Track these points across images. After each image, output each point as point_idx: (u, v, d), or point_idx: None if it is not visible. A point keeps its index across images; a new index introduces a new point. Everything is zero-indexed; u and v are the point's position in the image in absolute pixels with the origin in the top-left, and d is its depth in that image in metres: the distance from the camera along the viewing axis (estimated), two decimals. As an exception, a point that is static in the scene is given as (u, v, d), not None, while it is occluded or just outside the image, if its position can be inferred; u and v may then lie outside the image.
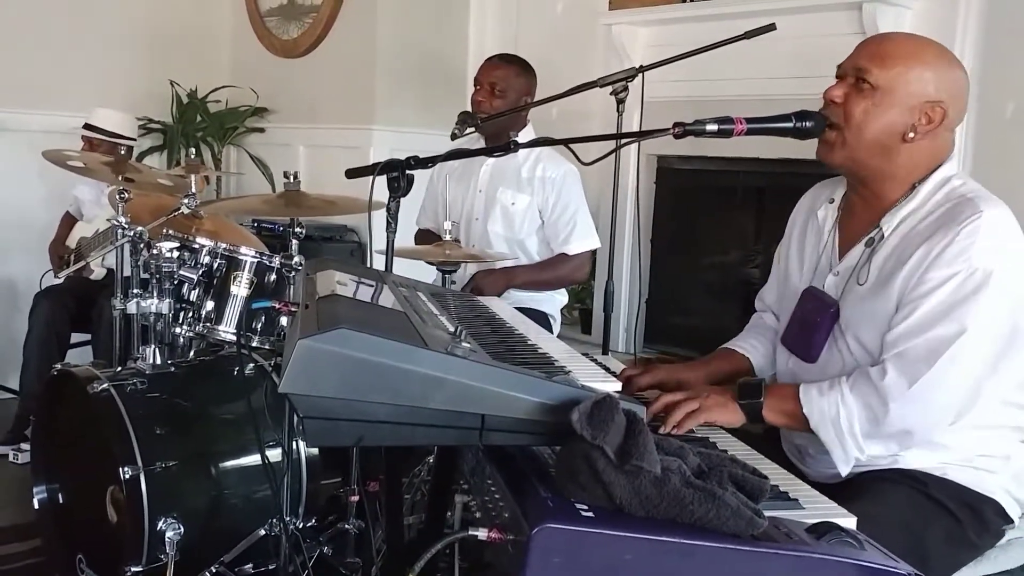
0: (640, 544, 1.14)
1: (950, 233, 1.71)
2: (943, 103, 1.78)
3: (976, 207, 1.72)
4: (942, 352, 1.68)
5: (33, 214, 4.68)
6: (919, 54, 1.80)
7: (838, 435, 1.73)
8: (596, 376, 1.75)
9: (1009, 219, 1.75)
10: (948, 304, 1.69)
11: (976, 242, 1.68)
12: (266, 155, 5.31)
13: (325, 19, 4.94)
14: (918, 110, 1.77)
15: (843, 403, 1.73)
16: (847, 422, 1.72)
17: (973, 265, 1.68)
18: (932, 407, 1.71)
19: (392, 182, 2.11)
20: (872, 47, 1.83)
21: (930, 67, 1.79)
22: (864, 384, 1.73)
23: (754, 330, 2.22)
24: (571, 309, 4.39)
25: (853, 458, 1.74)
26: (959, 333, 1.68)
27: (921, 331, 1.70)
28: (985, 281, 1.68)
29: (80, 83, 4.87)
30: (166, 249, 2.63)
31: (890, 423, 1.71)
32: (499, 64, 3.46)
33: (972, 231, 1.69)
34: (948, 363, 1.68)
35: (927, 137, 1.79)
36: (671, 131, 1.78)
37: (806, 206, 2.10)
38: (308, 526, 2.54)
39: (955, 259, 1.69)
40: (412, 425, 1.27)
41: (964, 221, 1.70)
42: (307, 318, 1.38)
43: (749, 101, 3.49)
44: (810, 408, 1.75)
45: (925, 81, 1.77)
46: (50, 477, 2.72)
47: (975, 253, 1.68)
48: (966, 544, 1.81)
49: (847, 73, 1.82)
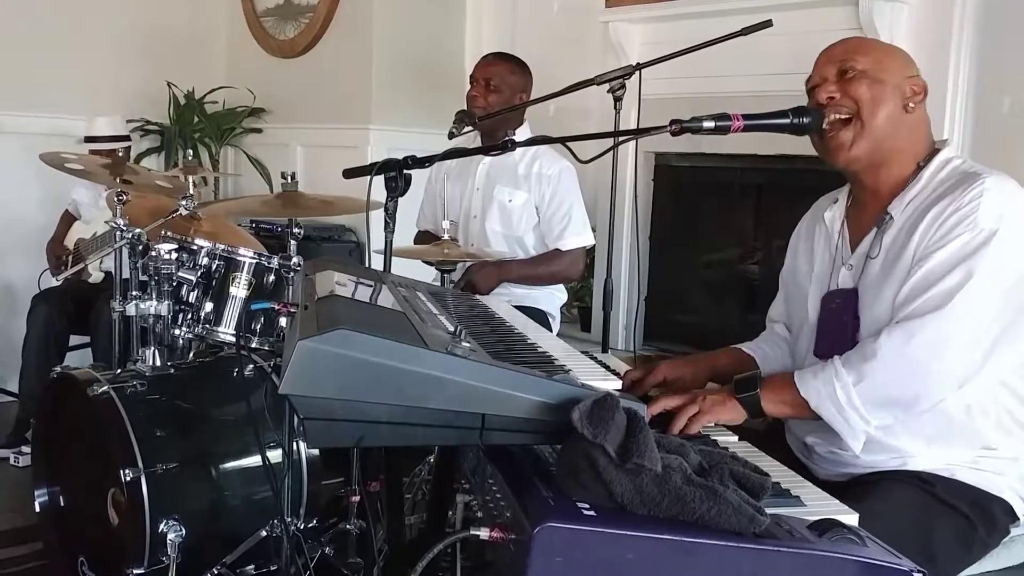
0: (642, 542, 1.14)
1: (955, 200, 1.73)
2: (918, 76, 1.86)
3: (979, 176, 1.75)
4: (947, 303, 1.68)
5: (31, 216, 4.68)
6: (874, 43, 1.99)
7: (839, 410, 1.71)
8: (596, 374, 1.75)
9: (1012, 185, 1.76)
10: (953, 260, 1.70)
11: (981, 205, 1.70)
12: (263, 155, 5.31)
13: (322, 19, 4.94)
14: (906, 84, 1.83)
15: (837, 377, 1.72)
16: (844, 394, 1.70)
17: (979, 226, 1.69)
18: (935, 364, 1.69)
19: (389, 182, 2.11)
20: (839, 47, 1.89)
21: (889, 50, 1.93)
22: (856, 353, 1.73)
23: (765, 337, 2.20)
24: (570, 307, 4.39)
25: (861, 431, 1.72)
26: (965, 280, 1.68)
27: (926, 288, 1.70)
28: (990, 239, 1.69)
29: (77, 85, 4.87)
30: (164, 251, 2.62)
31: (889, 384, 1.69)
32: (494, 61, 3.47)
33: (976, 195, 1.71)
34: (948, 317, 1.67)
35: (919, 108, 1.85)
36: (668, 129, 1.78)
37: (807, 220, 2.10)
38: (309, 527, 2.54)
39: (960, 222, 1.71)
40: (412, 425, 1.27)
41: (969, 188, 1.73)
42: (306, 319, 1.38)
43: (746, 97, 3.49)
44: (807, 390, 1.74)
45: (899, 59, 1.88)
46: (51, 480, 2.72)
47: (980, 215, 1.70)
48: (976, 543, 1.79)
49: (826, 76, 1.84)
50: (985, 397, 1.78)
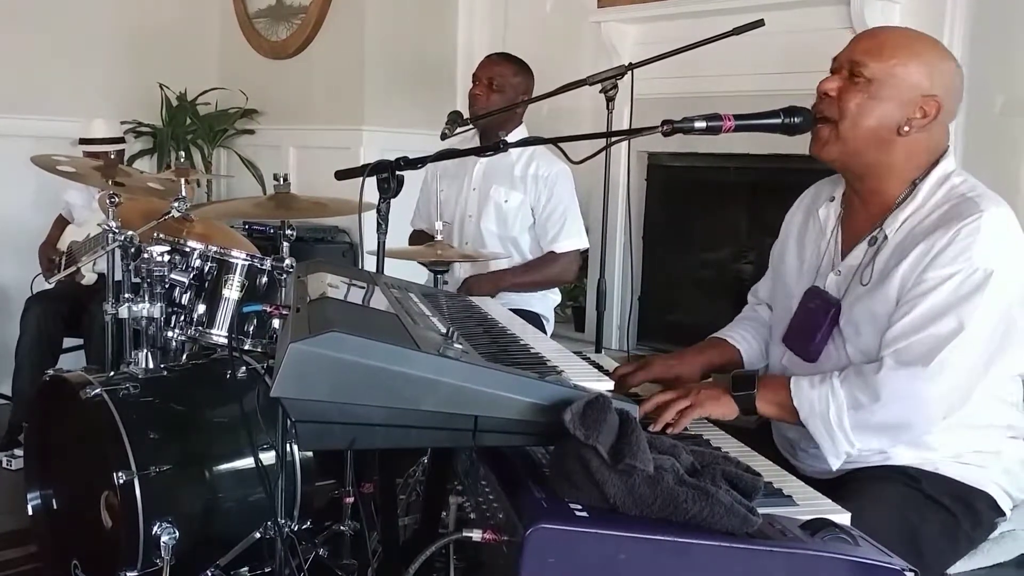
0: (634, 543, 1.14)
1: (950, 232, 1.70)
2: (937, 97, 1.77)
3: (977, 206, 1.71)
4: (939, 350, 1.68)
5: (24, 219, 4.66)
6: (914, 47, 1.80)
7: (827, 429, 1.72)
8: (589, 375, 1.75)
9: (1010, 218, 1.75)
10: (947, 303, 1.69)
11: (977, 241, 1.68)
12: (256, 156, 5.30)
13: (313, 20, 4.93)
14: (914, 104, 1.77)
15: (832, 396, 1.72)
16: (836, 416, 1.71)
17: (974, 264, 1.68)
18: (925, 403, 1.71)
19: (382, 183, 2.11)
20: (867, 40, 1.83)
21: (925, 61, 1.79)
22: (855, 378, 1.73)
23: (746, 321, 2.21)
24: (564, 307, 4.39)
25: (843, 452, 1.74)
26: (957, 331, 1.68)
27: (919, 328, 1.70)
28: (985, 281, 1.67)
29: (69, 88, 4.86)
30: (157, 253, 2.62)
31: (880, 417, 1.70)
32: (498, 61, 3.49)
33: (973, 230, 1.69)
34: (944, 361, 1.68)
35: (923, 131, 1.79)
36: (660, 129, 1.79)
37: (805, 204, 2.09)
38: (303, 528, 2.53)
39: (955, 258, 1.69)
40: (405, 427, 1.27)
41: (965, 220, 1.70)
42: (298, 322, 1.38)
43: (739, 97, 3.49)
44: (800, 400, 1.75)
45: (920, 74, 1.77)
46: (44, 483, 2.72)
47: (976, 253, 1.68)
48: (961, 538, 1.81)
49: (842, 66, 1.82)
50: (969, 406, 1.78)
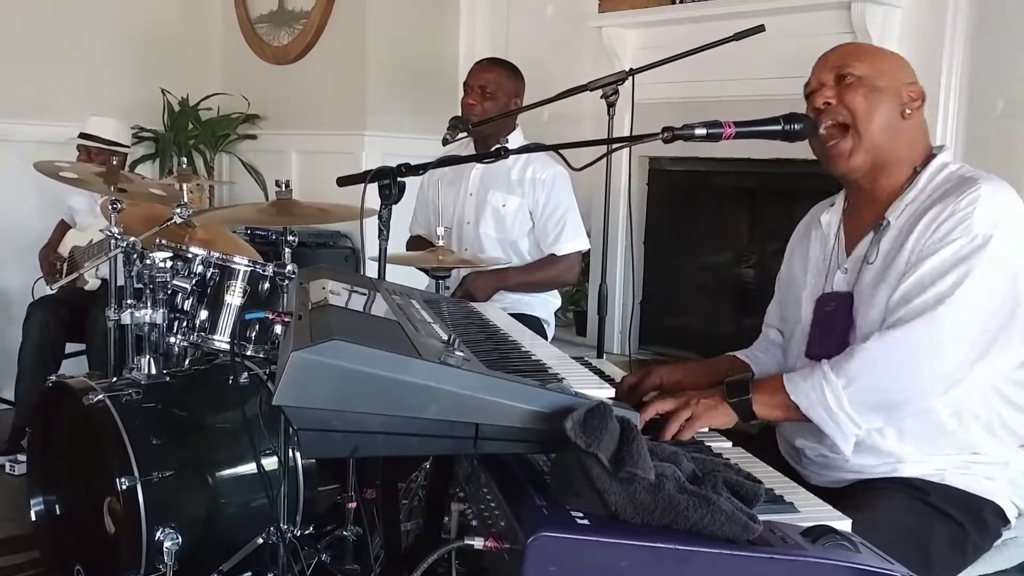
0: (636, 551, 1.14)
1: (950, 204, 1.74)
2: (916, 83, 1.87)
3: (975, 181, 1.75)
4: (938, 307, 1.68)
5: (26, 224, 4.67)
6: (879, 50, 2.01)
7: (829, 414, 1.72)
8: (590, 383, 1.75)
9: (1008, 191, 1.77)
10: (947, 265, 1.70)
11: (976, 210, 1.71)
12: (258, 162, 5.31)
13: (315, 25, 4.94)
14: (903, 90, 1.84)
15: (826, 380, 1.72)
16: (834, 398, 1.71)
17: (973, 232, 1.70)
18: (925, 367, 1.70)
19: (383, 189, 2.11)
20: (837, 52, 1.90)
21: (891, 58, 1.94)
22: (845, 357, 1.73)
23: (759, 344, 2.21)
24: (565, 311, 4.39)
25: (851, 434, 1.72)
26: (956, 286, 1.68)
27: (919, 292, 1.71)
28: (984, 244, 1.69)
29: (71, 93, 4.87)
30: (159, 259, 2.62)
31: (878, 387, 1.70)
32: (488, 67, 3.48)
33: (972, 200, 1.72)
34: (942, 319, 1.68)
35: (916, 115, 1.86)
36: (660, 136, 1.79)
37: (805, 222, 2.12)
38: (306, 534, 2.54)
39: (955, 228, 1.72)
40: (406, 435, 1.27)
41: (964, 192, 1.73)
42: (300, 329, 1.38)
43: (740, 102, 3.51)
44: (796, 394, 1.74)
45: (895, 67, 1.88)
46: (47, 488, 2.72)
47: (975, 221, 1.70)
48: (969, 548, 1.80)
49: (823, 81, 1.85)
50: (975, 402, 1.79)
